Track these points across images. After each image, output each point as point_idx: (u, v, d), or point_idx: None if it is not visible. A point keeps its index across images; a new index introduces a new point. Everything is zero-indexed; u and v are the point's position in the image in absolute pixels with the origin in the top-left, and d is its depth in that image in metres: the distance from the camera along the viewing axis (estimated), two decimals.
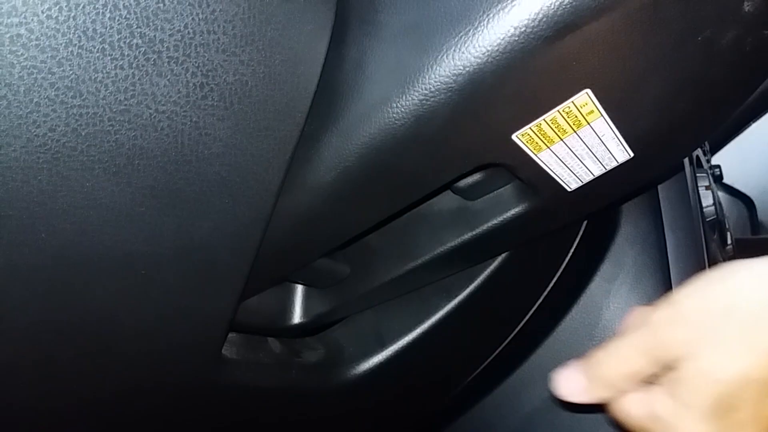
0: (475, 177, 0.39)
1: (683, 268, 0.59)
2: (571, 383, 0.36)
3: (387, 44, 0.30)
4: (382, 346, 0.48)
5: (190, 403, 0.38)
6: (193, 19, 0.25)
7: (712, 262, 0.63)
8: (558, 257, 0.57)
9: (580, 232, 0.58)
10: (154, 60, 0.25)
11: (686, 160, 0.63)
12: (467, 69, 0.28)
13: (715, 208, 0.67)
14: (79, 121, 0.24)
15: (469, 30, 0.28)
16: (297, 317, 0.47)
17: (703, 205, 0.65)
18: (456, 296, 0.49)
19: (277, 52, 0.28)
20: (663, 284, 0.59)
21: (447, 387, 0.59)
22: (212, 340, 0.35)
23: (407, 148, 0.31)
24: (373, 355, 0.47)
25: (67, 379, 0.32)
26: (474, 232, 0.42)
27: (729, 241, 0.77)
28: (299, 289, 0.47)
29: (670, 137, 0.38)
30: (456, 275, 0.49)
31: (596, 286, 0.60)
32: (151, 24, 0.24)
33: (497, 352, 0.59)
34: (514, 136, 0.33)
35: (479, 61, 0.28)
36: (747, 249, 1.15)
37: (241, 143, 0.29)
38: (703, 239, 0.63)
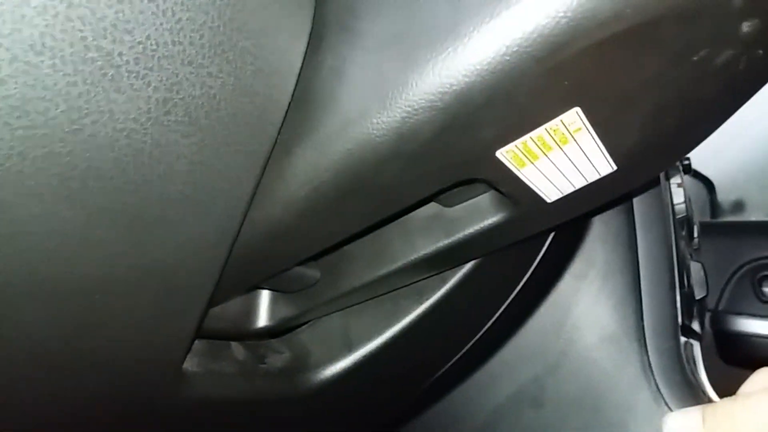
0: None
1: (653, 267, 0.59)
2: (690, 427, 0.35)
3: (368, 54, 0.28)
4: (350, 349, 0.46)
5: (150, 418, 0.36)
6: (156, 29, 0.22)
7: (681, 261, 0.63)
8: (530, 256, 0.56)
9: (552, 231, 0.58)
10: (111, 75, 0.22)
11: None
12: (454, 88, 0.26)
13: (686, 206, 0.67)
14: (26, 143, 0.21)
15: (458, 46, 0.26)
16: (262, 321, 0.45)
17: (675, 202, 0.65)
18: (428, 299, 0.47)
19: (248, 63, 0.26)
20: (632, 283, 0.59)
21: (414, 385, 0.58)
22: (173, 357, 0.33)
23: (386, 164, 0.29)
24: (341, 360, 0.46)
25: (19, 400, 0.30)
26: (450, 240, 0.40)
27: (695, 235, 0.77)
28: (265, 293, 0.45)
29: (656, 150, 0.37)
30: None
31: (566, 284, 0.60)
32: (108, 36, 0.21)
33: (466, 348, 0.58)
34: (498, 153, 0.31)
35: (467, 80, 0.26)
36: (709, 233, 1.17)
37: (208, 160, 0.26)
38: (674, 238, 0.62)
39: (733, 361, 1.05)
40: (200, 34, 0.24)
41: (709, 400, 0.60)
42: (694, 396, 0.57)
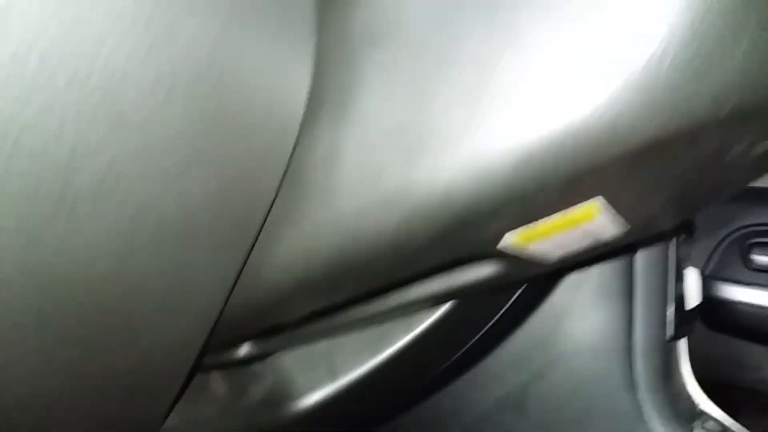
0: None
1: (648, 281, 0.58)
2: None
3: (366, 143, 0.24)
4: (334, 377, 0.45)
5: None
6: (122, 149, 0.19)
7: (679, 269, 0.61)
8: None
9: None
10: (69, 207, 0.19)
11: None
12: (463, 193, 0.23)
13: None
14: None
15: (473, 149, 0.22)
16: (243, 350, 0.43)
17: None
18: (418, 327, 0.45)
19: (230, 167, 0.22)
20: (626, 297, 0.57)
21: (396, 398, 0.57)
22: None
23: (382, 257, 0.26)
24: (323, 388, 0.44)
25: None
26: (443, 288, 0.38)
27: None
28: None
29: (673, 215, 0.34)
30: None
31: (558, 295, 0.58)
32: (71, 167, 0.18)
33: (452, 359, 0.56)
34: (506, 235, 0.28)
35: (479, 187, 0.23)
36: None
37: (183, 268, 0.23)
38: (676, 244, 0.60)
39: (717, 328, 1.06)
40: (175, 144, 0.20)
41: (692, 408, 0.60)
42: (676, 413, 0.57)
